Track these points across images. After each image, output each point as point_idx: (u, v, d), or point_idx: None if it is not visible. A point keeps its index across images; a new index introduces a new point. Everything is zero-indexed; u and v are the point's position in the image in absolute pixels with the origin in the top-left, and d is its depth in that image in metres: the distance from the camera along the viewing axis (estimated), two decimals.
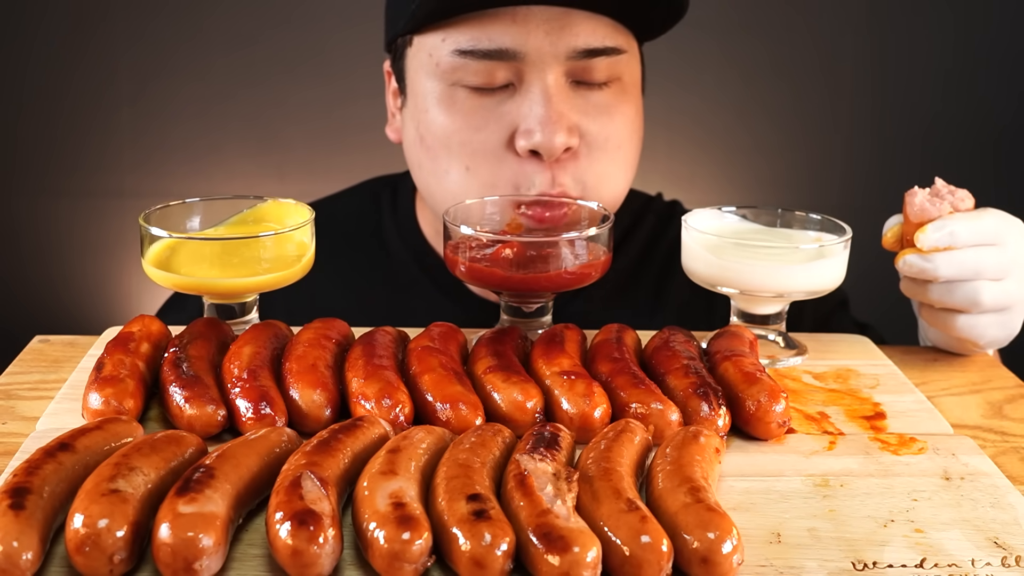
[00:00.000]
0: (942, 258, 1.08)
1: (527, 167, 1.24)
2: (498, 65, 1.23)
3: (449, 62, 1.24)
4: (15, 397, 1.03)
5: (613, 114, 1.28)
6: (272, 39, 2.58)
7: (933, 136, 2.68)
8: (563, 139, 1.22)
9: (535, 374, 1.00)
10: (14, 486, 0.73)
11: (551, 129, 1.21)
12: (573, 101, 1.25)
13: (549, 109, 1.21)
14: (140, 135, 2.64)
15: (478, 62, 1.23)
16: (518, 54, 1.22)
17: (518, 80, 1.24)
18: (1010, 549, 0.79)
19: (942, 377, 1.15)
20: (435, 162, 1.30)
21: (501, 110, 1.25)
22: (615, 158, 1.29)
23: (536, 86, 1.23)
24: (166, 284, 1.10)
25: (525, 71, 1.23)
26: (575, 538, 0.70)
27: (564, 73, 1.24)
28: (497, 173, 1.26)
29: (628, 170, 1.33)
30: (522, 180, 1.25)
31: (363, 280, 1.48)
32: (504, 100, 1.25)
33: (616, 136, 1.28)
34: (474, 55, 1.22)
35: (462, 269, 1.11)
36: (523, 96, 1.24)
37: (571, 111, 1.24)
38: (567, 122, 1.23)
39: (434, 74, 1.26)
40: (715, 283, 1.13)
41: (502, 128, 1.25)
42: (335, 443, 0.82)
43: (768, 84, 2.66)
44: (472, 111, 1.25)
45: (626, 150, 1.31)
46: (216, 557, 0.71)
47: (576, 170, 1.26)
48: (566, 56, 1.23)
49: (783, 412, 0.95)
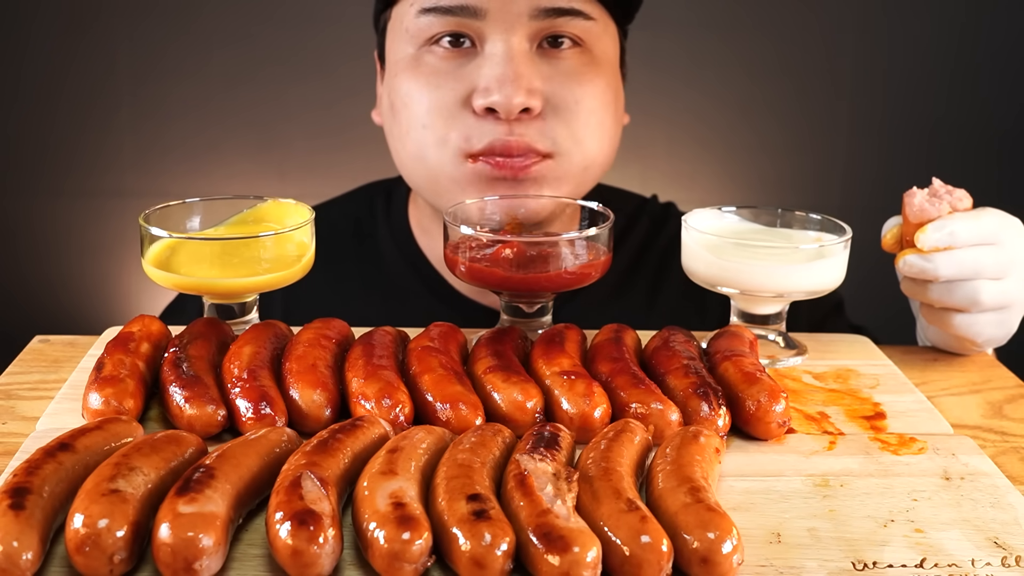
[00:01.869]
0: (942, 258, 1.08)
1: (482, 124, 1.24)
2: (461, 23, 1.24)
3: (416, 24, 1.26)
4: (15, 397, 1.03)
5: (581, 80, 1.27)
6: (272, 38, 2.58)
7: (935, 136, 2.68)
8: (521, 99, 1.22)
9: (535, 374, 1.00)
10: (14, 486, 0.73)
11: (509, 88, 1.21)
12: (537, 65, 1.25)
13: (508, 68, 1.22)
14: (140, 135, 2.64)
15: (441, 19, 1.24)
16: (480, 11, 1.23)
17: (480, 41, 1.25)
18: (1010, 549, 0.79)
19: (942, 377, 1.15)
20: (399, 125, 1.31)
21: (463, 71, 1.26)
22: (588, 122, 1.28)
23: (498, 46, 1.23)
24: (166, 284, 1.10)
25: (487, 31, 1.24)
26: (575, 538, 0.70)
27: (528, 36, 1.24)
28: (450, 127, 1.26)
29: (604, 138, 1.32)
30: (474, 133, 1.25)
31: (358, 285, 1.48)
32: (467, 62, 1.26)
33: (587, 100, 1.27)
34: (437, 12, 1.24)
35: (462, 269, 1.11)
36: (485, 57, 1.25)
37: (533, 74, 1.24)
38: (527, 83, 1.23)
39: (405, 40, 1.28)
40: (715, 283, 1.13)
41: (461, 87, 1.25)
42: (335, 443, 0.82)
43: (770, 84, 2.66)
44: (434, 72, 1.27)
45: (600, 116, 1.30)
46: (216, 557, 0.71)
47: (543, 127, 1.25)
48: (529, 15, 1.23)
49: (783, 412, 0.95)
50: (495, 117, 1.23)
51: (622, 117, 1.38)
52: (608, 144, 1.33)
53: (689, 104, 2.65)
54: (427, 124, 1.27)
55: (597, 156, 1.31)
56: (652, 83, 1.41)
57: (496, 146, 1.24)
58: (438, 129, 1.27)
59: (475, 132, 1.25)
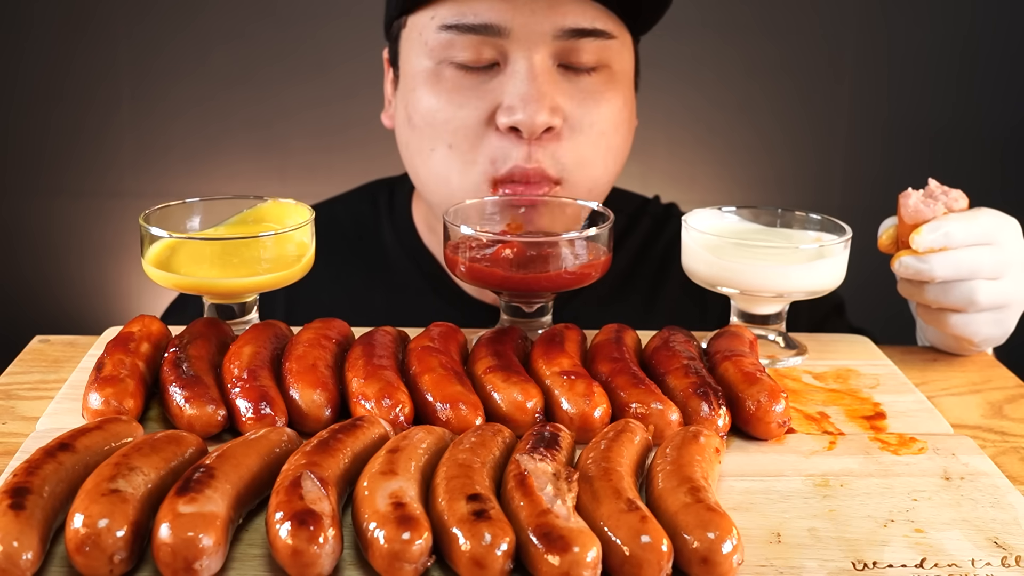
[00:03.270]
0: (937, 259, 1.08)
1: (505, 143, 1.24)
2: (484, 41, 1.23)
3: (436, 39, 1.25)
4: (15, 397, 1.03)
5: (599, 100, 1.28)
6: (273, 38, 2.58)
7: (936, 136, 2.68)
8: (545, 118, 1.22)
9: (535, 374, 1.00)
10: (14, 486, 0.73)
11: (533, 107, 1.21)
12: (559, 84, 1.25)
13: (532, 87, 1.22)
14: (140, 134, 2.64)
15: (464, 37, 1.23)
16: (503, 30, 1.22)
17: (503, 59, 1.25)
18: (1010, 549, 0.79)
19: (942, 377, 1.15)
20: (420, 141, 1.30)
21: (485, 88, 1.25)
22: (598, 144, 1.29)
23: (521, 64, 1.23)
24: (166, 284, 1.10)
25: (510, 49, 1.23)
26: (575, 538, 0.70)
27: (551, 54, 1.24)
28: (477, 149, 1.26)
29: (612, 159, 1.32)
30: (499, 155, 1.25)
31: (361, 283, 1.49)
32: (489, 79, 1.25)
33: (601, 123, 1.28)
34: (459, 30, 1.23)
35: (462, 269, 1.11)
36: (508, 75, 1.24)
37: (556, 92, 1.24)
38: (550, 101, 1.23)
39: (423, 52, 1.28)
40: (715, 283, 1.13)
41: (485, 105, 1.25)
42: (335, 443, 0.82)
43: (770, 84, 2.66)
44: (457, 89, 1.26)
45: (610, 138, 1.30)
46: (216, 557, 0.71)
47: (557, 150, 1.26)
48: (552, 35, 1.23)
49: (783, 412, 0.95)
50: (517, 135, 1.24)
51: (632, 129, 1.38)
52: (614, 164, 1.34)
53: (689, 104, 2.65)
54: (454, 144, 1.27)
55: (601, 178, 1.32)
56: (652, 83, 1.40)
57: (515, 173, 1.24)
58: (465, 152, 1.27)
59: (500, 154, 1.25)
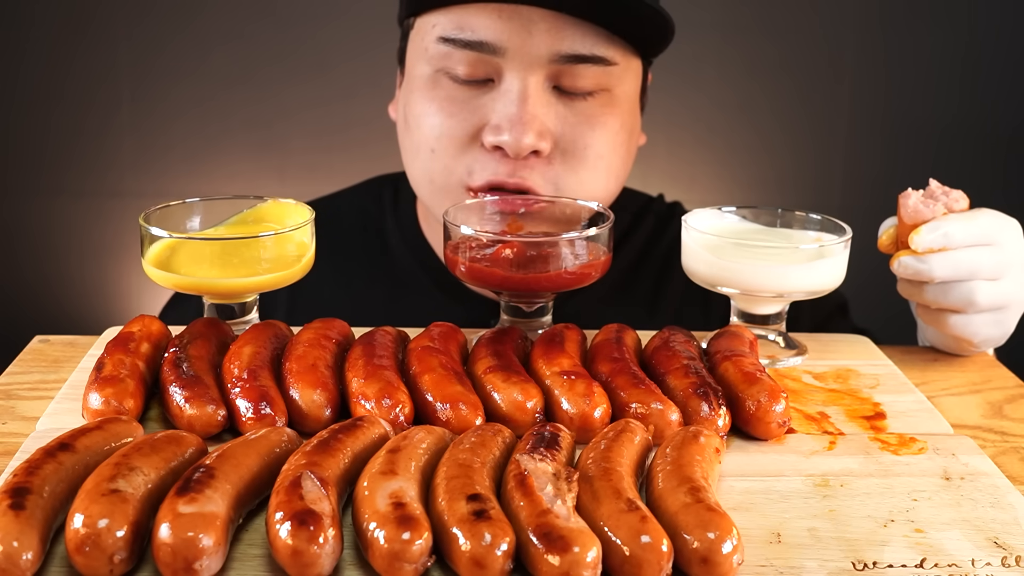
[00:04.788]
0: (937, 259, 1.08)
1: (489, 159, 1.25)
2: (480, 58, 1.23)
3: (435, 49, 1.26)
4: (15, 397, 1.03)
5: (595, 124, 1.27)
6: (273, 38, 2.58)
7: (936, 136, 2.68)
8: (531, 140, 1.22)
9: (535, 374, 0.99)
10: (14, 486, 0.73)
11: (519, 130, 1.21)
12: (552, 106, 1.25)
13: (522, 109, 1.22)
14: (140, 134, 2.64)
15: (460, 52, 1.24)
16: (499, 49, 1.22)
17: (498, 77, 1.25)
18: (1010, 549, 0.79)
19: (942, 377, 1.15)
20: (410, 142, 1.32)
21: (477, 103, 1.26)
22: (596, 167, 1.28)
23: (514, 85, 1.23)
24: (166, 284, 1.10)
25: (505, 69, 1.23)
26: (575, 538, 0.70)
27: (546, 77, 1.24)
28: (458, 160, 1.27)
29: (610, 181, 1.32)
30: (477, 167, 1.25)
31: (364, 277, 1.49)
32: (482, 94, 1.26)
33: (596, 146, 1.27)
34: (456, 44, 1.24)
35: (462, 269, 1.11)
36: (500, 93, 1.24)
37: (548, 116, 1.24)
38: (538, 125, 1.22)
39: (423, 58, 1.28)
40: (715, 283, 1.13)
41: (475, 119, 1.26)
42: (335, 443, 0.82)
43: (771, 84, 2.66)
44: (449, 99, 1.27)
45: (609, 161, 1.30)
46: (216, 557, 0.71)
47: (547, 172, 1.26)
48: (548, 59, 1.22)
49: (783, 412, 0.95)
50: (503, 154, 1.24)
51: (635, 147, 1.37)
52: (615, 184, 1.34)
53: (689, 104, 2.65)
54: (436, 150, 1.28)
55: (600, 196, 1.32)
56: (652, 83, 1.40)
57: (494, 184, 1.25)
58: (445, 159, 1.27)
59: (478, 167, 1.25)
